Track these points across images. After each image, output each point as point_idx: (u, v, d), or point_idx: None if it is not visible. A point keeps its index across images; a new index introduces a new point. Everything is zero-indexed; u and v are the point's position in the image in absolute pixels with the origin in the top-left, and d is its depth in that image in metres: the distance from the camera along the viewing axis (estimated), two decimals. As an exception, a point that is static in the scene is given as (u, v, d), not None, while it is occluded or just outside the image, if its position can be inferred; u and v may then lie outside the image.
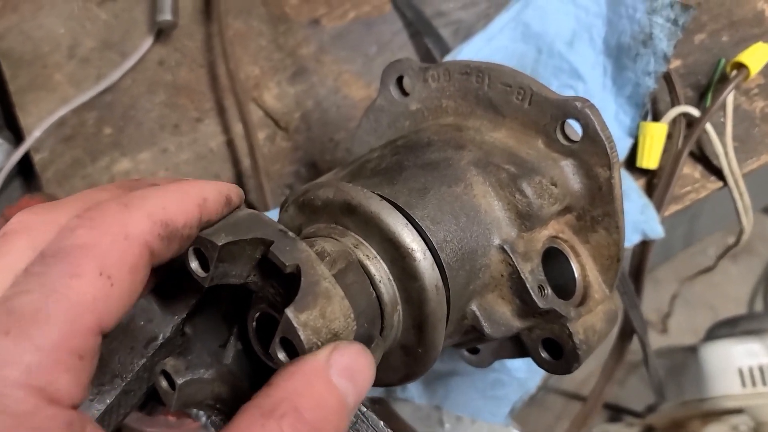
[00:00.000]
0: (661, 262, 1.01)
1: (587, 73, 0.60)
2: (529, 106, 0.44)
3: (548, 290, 0.41)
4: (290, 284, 0.32)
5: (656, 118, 0.60)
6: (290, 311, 0.30)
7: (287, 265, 0.31)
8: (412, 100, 0.49)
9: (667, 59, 0.56)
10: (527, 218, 0.41)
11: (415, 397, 0.60)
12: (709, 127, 0.57)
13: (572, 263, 0.45)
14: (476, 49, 0.62)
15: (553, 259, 0.44)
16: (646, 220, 0.57)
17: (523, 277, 0.40)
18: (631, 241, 0.58)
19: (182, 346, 0.39)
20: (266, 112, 0.70)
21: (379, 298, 0.37)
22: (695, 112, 0.57)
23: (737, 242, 0.63)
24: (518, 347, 0.46)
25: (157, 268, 0.38)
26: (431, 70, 0.48)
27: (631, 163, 0.59)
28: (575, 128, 0.44)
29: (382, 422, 0.34)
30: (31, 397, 0.24)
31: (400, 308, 0.38)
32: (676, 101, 0.59)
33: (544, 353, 0.43)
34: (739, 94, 0.61)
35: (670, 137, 0.59)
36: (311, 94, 0.70)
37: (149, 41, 0.75)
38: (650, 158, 0.58)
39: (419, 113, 0.49)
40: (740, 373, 0.92)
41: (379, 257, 0.38)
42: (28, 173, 0.78)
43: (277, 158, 0.69)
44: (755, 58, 0.57)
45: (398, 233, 0.37)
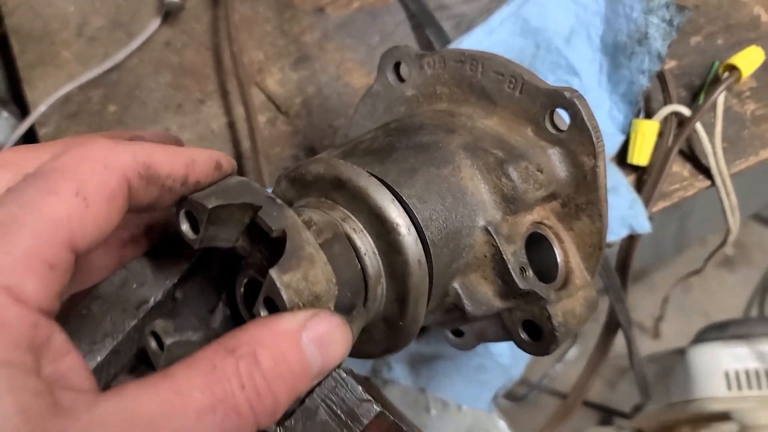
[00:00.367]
0: (652, 262, 1.02)
1: (583, 69, 0.61)
2: (520, 94, 0.46)
3: (529, 272, 0.43)
4: (276, 249, 0.33)
5: (649, 116, 0.61)
6: (274, 271, 0.31)
7: (274, 229, 0.33)
8: (408, 86, 0.51)
9: (661, 58, 0.58)
10: (512, 201, 0.43)
11: (400, 378, 0.61)
12: (699, 126, 0.58)
13: (555, 249, 0.46)
14: (476, 41, 0.63)
15: (537, 244, 0.46)
16: (634, 215, 0.58)
17: (505, 258, 0.42)
18: (618, 234, 0.59)
19: (173, 309, 0.40)
20: (268, 96, 0.72)
21: (363, 270, 0.38)
22: (686, 111, 0.58)
23: (724, 242, 0.64)
24: (502, 331, 0.47)
25: (150, 232, 0.40)
26: (427, 57, 0.49)
27: (622, 159, 0.61)
28: (564, 118, 0.45)
29: (360, 387, 0.35)
30: None
31: (383, 281, 0.39)
32: (668, 100, 0.60)
33: (523, 334, 0.45)
34: (731, 96, 0.62)
35: (661, 135, 0.60)
36: (313, 80, 0.71)
37: (157, 22, 0.76)
38: (641, 155, 0.59)
39: (414, 99, 0.51)
40: (726, 376, 0.93)
41: (365, 231, 0.39)
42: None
43: (276, 142, 0.70)
44: (747, 61, 0.58)
45: (384, 208, 0.38)
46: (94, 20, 0.79)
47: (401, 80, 0.51)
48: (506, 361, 0.60)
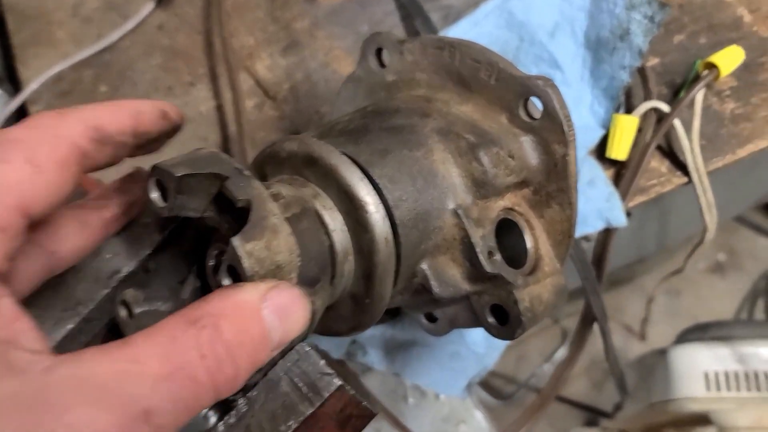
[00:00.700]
0: (635, 262, 1.02)
1: (566, 63, 0.62)
2: (495, 82, 0.46)
3: (497, 256, 0.43)
4: (243, 219, 0.34)
5: (629, 110, 0.62)
6: (236, 240, 0.32)
7: (239, 199, 0.33)
8: (388, 71, 0.51)
9: (642, 54, 0.58)
10: (482, 186, 0.43)
11: (375, 363, 0.62)
12: (677, 123, 0.59)
13: (525, 235, 0.47)
14: (461, 33, 0.64)
15: (508, 231, 0.46)
16: (610, 208, 0.59)
17: (473, 241, 0.42)
18: (595, 227, 0.60)
19: (145, 280, 0.41)
20: (257, 81, 0.73)
21: (332, 246, 0.39)
22: (665, 107, 0.59)
23: (701, 241, 0.65)
24: (473, 317, 0.47)
25: (130, 210, 0.41)
26: (408, 43, 0.50)
27: (601, 152, 0.61)
28: (538, 106, 0.46)
29: (322, 361, 0.36)
30: None
31: (351, 258, 0.40)
32: (648, 96, 0.61)
33: (491, 318, 0.45)
34: (711, 94, 0.63)
35: (640, 131, 0.60)
36: (302, 66, 0.72)
37: (151, 5, 0.77)
38: (620, 149, 0.60)
39: (394, 85, 0.51)
40: (706, 376, 0.94)
41: (335, 208, 0.40)
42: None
43: (263, 126, 0.71)
44: (727, 59, 0.59)
45: (354, 186, 0.39)
46: (89, 1, 0.80)
47: (382, 66, 0.52)
48: (480, 349, 0.61)
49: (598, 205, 0.59)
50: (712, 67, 0.59)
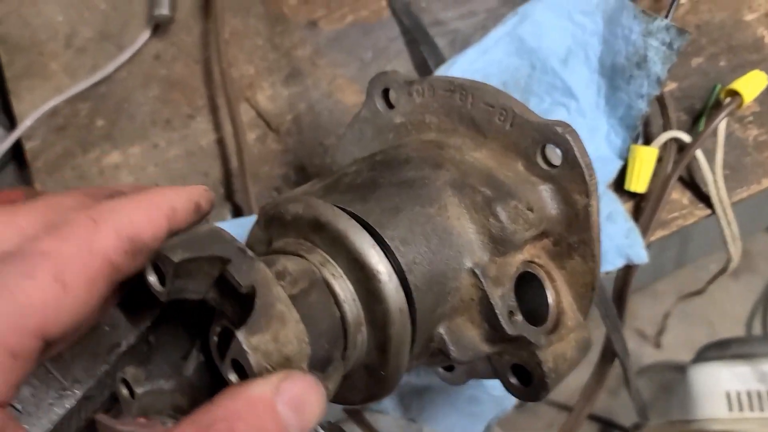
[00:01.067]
0: (651, 282, 1.00)
1: (581, 91, 0.59)
2: (510, 127, 0.44)
3: (518, 316, 0.41)
4: (247, 304, 0.32)
5: (648, 140, 0.59)
6: (241, 333, 0.29)
7: (243, 285, 0.31)
8: (396, 113, 0.49)
9: (660, 83, 0.56)
10: (500, 243, 0.41)
11: (389, 409, 0.60)
12: (699, 153, 0.56)
13: (547, 289, 0.44)
14: (470, 61, 0.61)
15: (527, 283, 0.44)
16: (630, 244, 0.57)
17: (492, 302, 0.40)
18: (614, 264, 0.57)
19: (145, 353, 0.39)
20: (258, 112, 0.70)
21: (343, 318, 0.37)
22: (686, 137, 0.56)
23: (724, 269, 0.63)
24: (492, 369, 0.45)
25: (128, 280, 0.38)
26: (416, 84, 0.47)
27: (619, 185, 0.59)
28: (557, 152, 0.43)
29: None
30: None
31: (364, 329, 0.38)
32: (668, 125, 0.58)
33: (513, 379, 0.43)
34: (733, 120, 0.60)
35: (660, 161, 0.58)
36: (304, 96, 0.70)
37: (146, 34, 0.74)
38: (639, 182, 0.57)
39: (403, 127, 0.49)
40: (728, 396, 0.91)
41: (345, 277, 0.37)
42: (21, 159, 0.77)
43: (266, 160, 0.68)
44: (750, 86, 0.56)
45: (364, 254, 0.36)
46: (83, 31, 0.77)
47: (390, 107, 0.49)
48: (499, 392, 0.59)
49: (617, 241, 0.57)
50: (734, 94, 0.57)
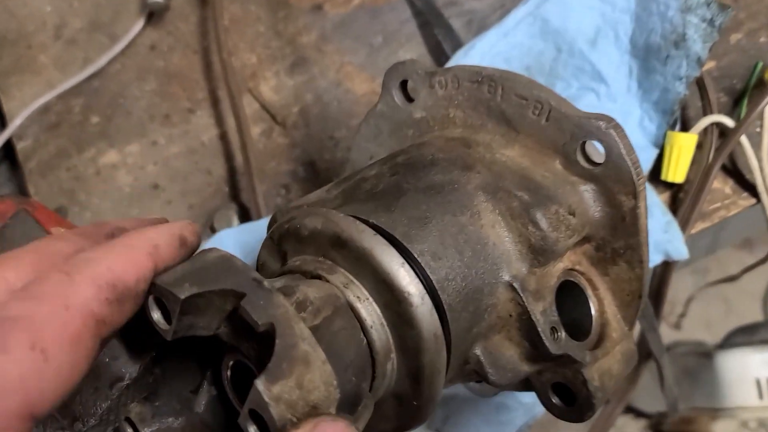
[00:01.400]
0: (680, 268, 0.96)
1: (611, 74, 0.55)
2: (546, 122, 0.39)
3: (561, 333, 0.37)
4: (265, 340, 0.28)
5: (685, 126, 0.55)
6: (261, 383, 0.26)
7: (260, 324, 0.27)
8: (416, 107, 0.45)
9: (701, 63, 0.51)
10: (541, 253, 0.37)
11: (412, 419, 0.56)
12: (744, 138, 0.52)
13: (590, 299, 0.40)
14: (490, 44, 0.56)
15: (567, 292, 0.40)
16: (669, 239, 0.52)
17: (534, 319, 0.36)
18: (652, 261, 0.53)
19: (151, 386, 0.35)
20: (262, 104, 0.66)
21: (370, 345, 0.33)
22: (729, 122, 0.52)
23: (766, 259, 0.58)
24: (525, 381, 0.41)
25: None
26: (438, 75, 0.43)
27: (655, 175, 0.54)
28: (598, 148, 0.39)
29: None
30: None
31: (393, 356, 0.34)
32: (708, 109, 0.53)
33: (554, 398, 0.39)
34: (777, 101, 0.55)
35: (699, 147, 0.53)
36: (311, 86, 0.65)
37: (140, 23, 0.70)
38: (677, 171, 0.53)
39: (424, 122, 0.45)
40: (758, 383, 0.88)
41: (371, 299, 0.33)
42: (13, 160, 0.73)
43: (273, 155, 0.64)
44: (798, 64, 0.52)
45: (393, 274, 0.32)
46: (72, 21, 0.73)
47: (409, 100, 0.45)
48: (529, 399, 0.55)
49: (655, 236, 0.53)
50: (780, 73, 0.52)
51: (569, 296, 0.40)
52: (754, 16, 0.58)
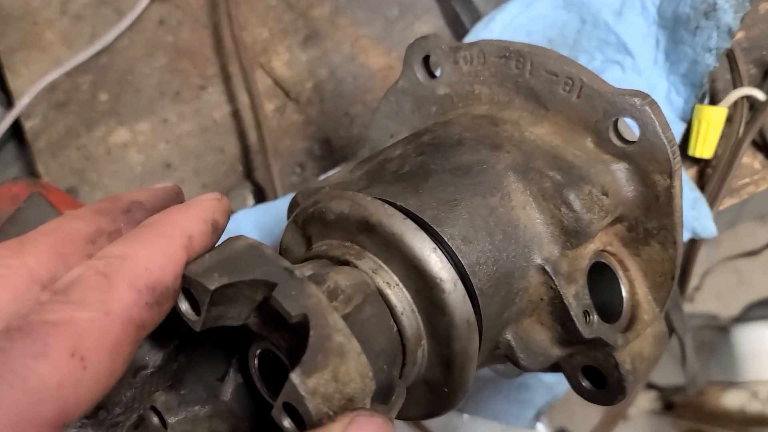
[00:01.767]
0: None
1: (637, 46, 0.53)
2: (577, 99, 0.38)
3: (594, 316, 0.36)
4: (297, 331, 0.27)
5: (713, 99, 0.53)
6: (296, 376, 0.25)
7: (293, 315, 0.26)
8: (439, 83, 0.43)
9: (731, 34, 0.49)
10: (573, 235, 0.36)
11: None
12: (775, 112, 0.50)
13: (620, 280, 0.39)
14: (511, 16, 0.54)
15: (598, 273, 0.39)
16: (697, 216, 0.51)
17: (566, 302, 0.35)
18: (678, 239, 0.52)
19: (175, 374, 0.34)
20: (275, 80, 0.64)
21: (401, 332, 0.32)
22: (760, 95, 0.50)
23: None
24: (553, 363, 0.41)
25: None
26: (463, 50, 0.42)
27: (682, 150, 0.53)
28: (631, 126, 0.37)
29: None
30: None
31: (424, 343, 0.33)
32: (738, 82, 0.52)
33: (584, 381, 0.39)
34: (809, 73, 0.54)
35: (729, 122, 0.52)
36: (325, 61, 0.63)
37: (148, -3, 0.68)
38: (705, 146, 0.51)
39: (448, 99, 0.43)
40: (775, 357, 0.87)
41: (401, 284, 0.32)
42: (21, 138, 0.72)
43: (287, 133, 0.63)
44: (833, 34, 0.50)
45: (425, 260, 0.31)
46: (77, -4, 0.71)
47: (432, 76, 0.44)
48: (551, 378, 0.55)
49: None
50: (814, 43, 0.50)
51: (600, 278, 0.39)
52: (785, -17, 0.56)
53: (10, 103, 0.71)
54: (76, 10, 0.70)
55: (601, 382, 0.38)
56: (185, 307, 0.28)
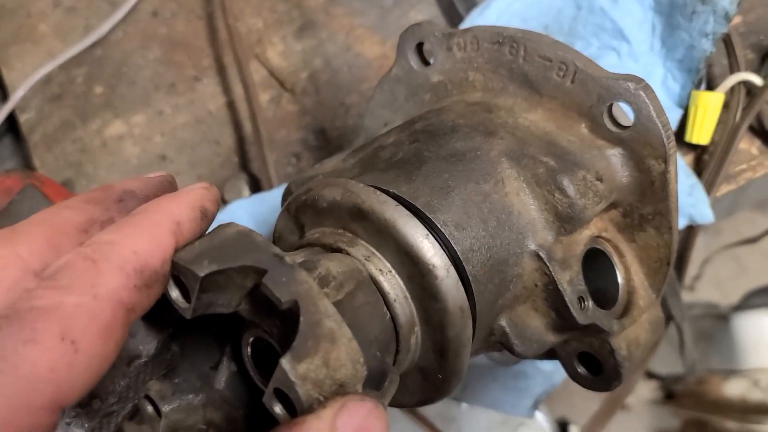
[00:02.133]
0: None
1: (633, 32, 0.53)
2: (571, 84, 0.38)
3: (589, 302, 0.36)
4: (288, 318, 0.27)
5: (710, 85, 0.53)
6: (286, 361, 0.25)
7: (283, 301, 0.26)
8: (433, 70, 0.43)
9: (728, 18, 0.49)
10: (567, 221, 0.36)
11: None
12: (771, 97, 0.50)
13: (616, 266, 0.39)
14: (506, 3, 0.54)
15: (593, 259, 0.39)
16: (694, 203, 0.51)
17: (561, 288, 0.35)
18: (675, 225, 0.52)
19: (169, 363, 0.34)
20: (270, 71, 0.64)
21: (393, 319, 0.32)
22: (757, 80, 0.50)
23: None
24: (549, 350, 0.40)
25: None
26: (456, 37, 0.41)
27: (678, 137, 0.53)
28: (625, 111, 0.37)
29: None
30: None
31: (418, 329, 0.33)
32: (735, 67, 0.51)
33: (580, 368, 0.38)
34: (807, 57, 0.53)
35: (726, 107, 0.51)
36: (320, 51, 0.63)
37: (141, -12, 0.68)
38: (701, 132, 0.51)
39: (442, 86, 0.43)
40: (776, 345, 0.87)
41: (394, 271, 0.32)
42: (16, 131, 0.72)
43: (282, 123, 0.63)
44: (831, 17, 0.50)
45: (417, 246, 0.31)
46: (71, -12, 0.70)
47: (425, 63, 0.43)
48: (548, 366, 0.54)
49: (679, 200, 0.51)
50: (812, 28, 0.50)
51: (595, 264, 0.39)
52: (782, -33, 0.55)
53: (4, 96, 0.70)
54: (69, 2, 0.70)
55: (597, 368, 0.38)
56: (176, 294, 0.28)
